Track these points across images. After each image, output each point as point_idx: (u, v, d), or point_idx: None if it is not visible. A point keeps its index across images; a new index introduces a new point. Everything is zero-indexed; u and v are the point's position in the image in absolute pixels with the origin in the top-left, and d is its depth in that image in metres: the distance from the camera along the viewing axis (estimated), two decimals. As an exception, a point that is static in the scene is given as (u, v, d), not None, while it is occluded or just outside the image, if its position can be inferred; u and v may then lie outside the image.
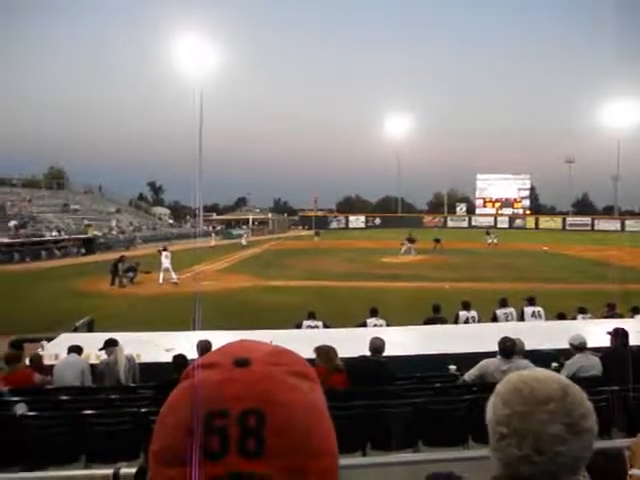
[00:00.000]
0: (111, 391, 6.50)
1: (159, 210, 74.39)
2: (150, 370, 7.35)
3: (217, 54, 53.69)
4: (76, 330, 11.26)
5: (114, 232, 45.72)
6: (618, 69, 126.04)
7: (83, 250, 37.04)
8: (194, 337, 7.59)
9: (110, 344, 7.22)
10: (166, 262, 23.00)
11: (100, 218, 49.03)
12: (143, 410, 5.01)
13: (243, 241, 44.71)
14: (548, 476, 1.09)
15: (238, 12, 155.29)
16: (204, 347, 6.92)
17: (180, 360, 6.39)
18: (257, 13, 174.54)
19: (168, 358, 6.80)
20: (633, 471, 1.85)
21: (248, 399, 0.60)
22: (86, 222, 44.45)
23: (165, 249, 23.85)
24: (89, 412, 5.25)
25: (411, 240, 33.76)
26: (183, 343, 8.42)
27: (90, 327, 11.91)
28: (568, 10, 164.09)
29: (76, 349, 7.34)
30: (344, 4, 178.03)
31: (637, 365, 6.87)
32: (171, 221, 67.96)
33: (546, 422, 1.08)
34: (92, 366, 7.33)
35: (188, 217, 73.85)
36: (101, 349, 7.37)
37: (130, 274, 23.16)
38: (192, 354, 6.93)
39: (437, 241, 39.75)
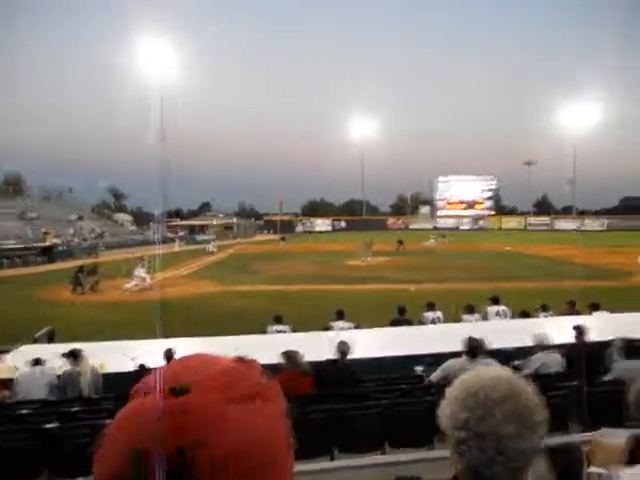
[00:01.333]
0: (74, 403, 6.35)
1: (121, 216, 73.09)
2: (114, 380, 7.20)
3: (179, 58, 53.17)
4: (36, 341, 10.99)
5: (76, 239, 44.76)
6: (576, 72, 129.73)
7: (41, 259, 36.05)
8: (159, 345, 7.50)
9: (73, 355, 7.04)
10: (140, 270, 23.10)
11: (61, 225, 47.93)
12: (107, 422, 4.90)
13: (211, 248, 43.58)
14: (510, 473, 1.12)
15: (200, 16, 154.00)
16: (170, 356, 6.85)
17: (144, 369, 6.30)
18: (220, 17, 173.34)
19: (133, 367, 6.70)
20: (592, 469, 1.90)
21: (180, 436, 0.55)
22: (44, 230, 43.32)
23: (142, 257, 24.20)
24: (51, 426, 5.12)
25: (368, 245, 33.82)
26: (148, 351, 8.32)
27: (50, 338, 11.64)
28: (530, 13, 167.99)
29: (38, 362, 7.14)
30: (306, 7, 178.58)
31: (595, 360, 7.09)
32: (134, 227, 66.87)
33: (503, 422, 1.11)
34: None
35: (151, 223, 72.81)
36: (63, 359, 7.19)
37: (90, 280, 22.75)
38: (159, 362, 6.86)
39: (400, 242, 40.63)
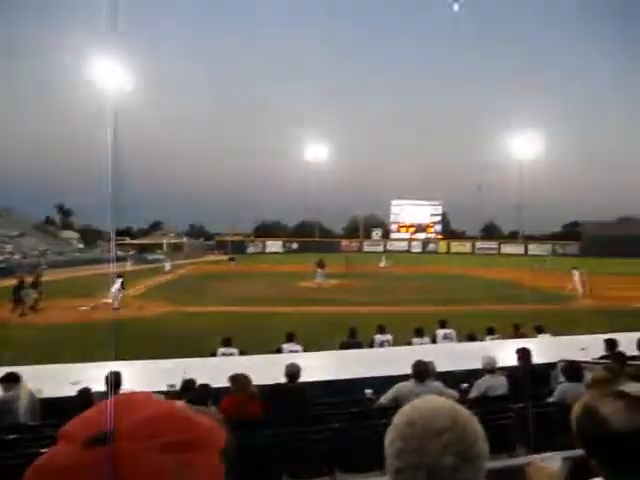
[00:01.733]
0: (9, 431, 6.03)
1: (68, 234, 71.08)
2: (53, 406, 6.89)
3: (132, 75, 52.60)
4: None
5: (16, 256, 43.14)
6: (524, 102, 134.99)
7: None
8: (103, 368, 7.25)
9: (10, 379, 6.69)
10: (116, 287, 22.84)
11: (1, 242, 46.18)
12: (44, 451, 4.68)
13: (167, 266, 43.35)
14: None
15: (152, 34, 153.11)
16: (114, 379, 6.62)
17: (85, 395, 6.08)
18: (173, 34, 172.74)
19: (74, 392, 6.45)
20: None
21: None
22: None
23: (120, 275, 24.02)
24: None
25: (321, 265, 33.94)
26: (91, 375, 8.02)
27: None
28: (481, 43, 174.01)
29: None
30: (261, 29, 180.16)
31: (539, 382, 7.27)
32: (81, 245, 65.10)
33: (440, 454, 1.10)
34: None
35: (99, 241, 71.06)
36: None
37: (32, 296, 22.01)
38: (101, 387, 6.62)
39: (348, 260, 41.97)
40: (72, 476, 0.53)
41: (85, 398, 5.99)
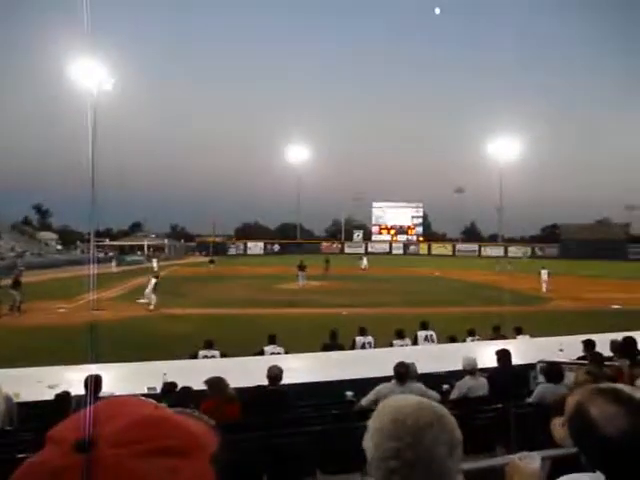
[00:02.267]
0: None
1: (46, 235, 70.15)
2: (31, 410, 6.77)
3: (112, 73, 52.09)
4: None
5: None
6: (504, 106, 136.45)
7: None
8: (82, 371, 7.16)
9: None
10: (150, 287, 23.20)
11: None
12: (20, 456, 4.61)
13: (155, 266, 42.66)
14: None
15: (136, 33, 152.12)
16: (93, 383, 6.53)
17: (63, 398, 5.98)
18: (159, 38, 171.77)
19: (52, 396, 6.35)
20: None
21: None
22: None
23: (157, 276, 24.45)
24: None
25: (302, 267, 33.77)
26: (70, 379, 7.92)
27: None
28: (464, 46, 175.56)
29: None
30: (246, 36, 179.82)
31: (518, 383, 7.34)
32: (59, 247, 64.28)
33: (433, 446, 1.13)
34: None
35: (78, 242, 70.26)
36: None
37: (15, 296, 21.79)
38: (80, 390, 6.54)
39: (327, 262, 42.28)
40: (59, 478, 0.52)
41: (63, 402, 5.91)
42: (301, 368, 9.39)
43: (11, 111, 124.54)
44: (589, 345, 8.15)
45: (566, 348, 9.46)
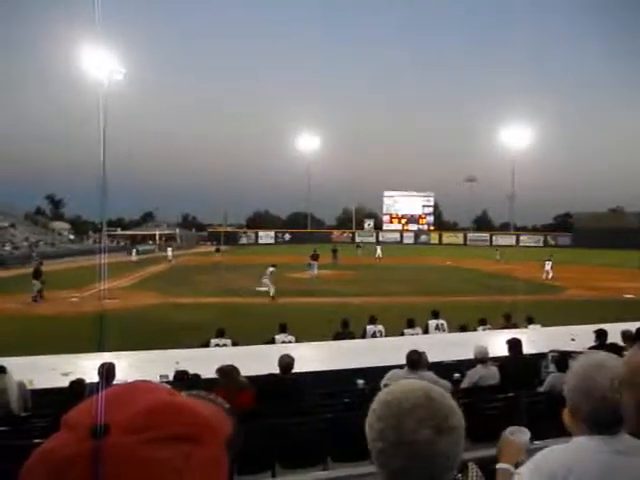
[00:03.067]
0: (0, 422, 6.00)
1: (59, 225, 70.59)
2: (45, 397, 6.86)
3: (124, 64, 52.15)
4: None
5: (7, 248, 42.81)
6: (516, 95, 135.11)
7: None
8: (95, 359, 7.24)
9: (-3, 370, 6.63)
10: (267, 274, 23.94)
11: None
12: (36, 441, 4.67)
13: (170, 255, 43.76)
14: (427, 479, 1.15)
15: (146, 27, 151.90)
16: (107, 370, 6.60)
17: (77, 386, 6.04)
18: (164, 27, 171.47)
19: (65, 383, 6.42)
20: (499, 466, 1.98)
21: None
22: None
23: (274, 265, 24.70)
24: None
25: (314, 257, 33.64)
26: (83, 366, 8.02)
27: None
28: (473, 32, 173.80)
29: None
30: (255, 21, 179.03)
31: (529, 372, 7.32)
32: (72, 236, 64.72)
33: (415, 430, 1.14)
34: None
35: (90, 232, 70.72)
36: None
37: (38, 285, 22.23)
38: (93, 378, 6.61)
39: (334, 251, 41.83)
40: (73, 464, 0.53)
41: (78, 389, 5.97)
42: (312, 357, 9.44)
43: (23, 103, 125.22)
44: (601, 335, 8.11)
45: (578, 338, 9.42)
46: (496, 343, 8.86)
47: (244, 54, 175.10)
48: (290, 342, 10.82)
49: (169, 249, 45.78)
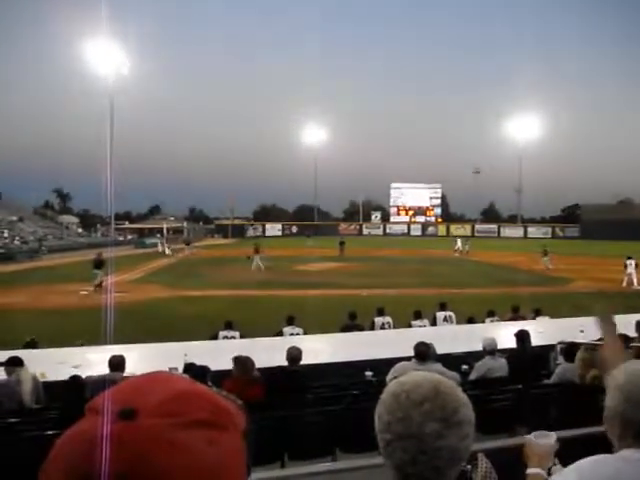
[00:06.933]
0: (12, 414, 6.06)
1: (67, 218, 70.93)
2: (56, 389, 6.93)
3: (129, 59, 52.19)
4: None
5: (16, 242, 43.04)
6: (523, 86, 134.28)
7: None
8: (105, 352, 7.29)
9: (13, 363, 6.71)
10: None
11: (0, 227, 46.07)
12: (48, 433, 4.72)
13: (166, 250, 42.39)
14: (434, 472, 1.16)
15: (153, 19, 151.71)
16: (116, 363, 6.66)
17: (76, 380, 6.13)
18: (173, 21, 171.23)
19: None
20: (530, 470, 1.97)
21: (122, 463, 0.54)
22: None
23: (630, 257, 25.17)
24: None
25: (257, 250, 32.72)
26: (93, 359, 8.08)
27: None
28: (482, 25, 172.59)
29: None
30: (262, 14, 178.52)
31: (538, 364, 7.31)
32: (80, 230, 65.03)
33: (423, 422, 1.16)
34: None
35: (98, 225, 71.03)
36: (1, 365, 6.83)
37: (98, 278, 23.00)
38: (103, 370, 6.66)
39: (341, 244, 41.53)
40: (102, 445, 0.55)
41: (77, 383, 6.06)
42: (320, 349, 9.45)
43: (31, 97, 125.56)
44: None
45: (586, 329, 9.37)
46: (504, 335, 8.85)
47: (252, 45, 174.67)
48: (298, 334, 10.85)
49: (160, 243, 45.07)
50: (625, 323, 8.05)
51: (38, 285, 24.19)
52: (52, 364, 7.89)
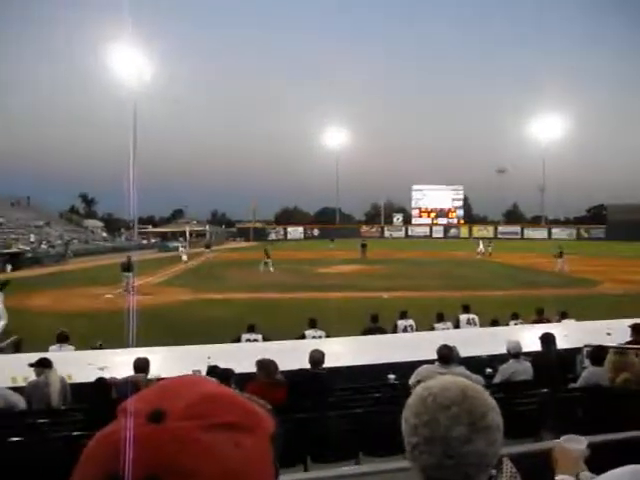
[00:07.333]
0: (40, 414, 6.18)
1: (91, 223, 72.02)
2: (83, 391, 7.04)
3: (153, 65, 52.90)
4: (1, 351, 10.72)
5: (43, 246, 43.79)
6: (547, 85, 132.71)
7: (8, 266, 34.38)
8: (130, 354, 7.38)
9: (42, 364, 6.84)
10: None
11: (27, 231, 46.90)
12: (75, 434, 4.79)
13: (183, 257, 40.53)
14: (461, 477, 1.15)
15: (176, 25, 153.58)
16: (141, 365, 6.75)
17: (101, 383, 6.22)
18: (195, 27, 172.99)
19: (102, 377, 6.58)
20: (558, 477, 1.93)
21: (150, 465, 0.55)
22: (12, 236, 42.48)
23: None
24: (16, 439, 4.96)
25: (267, 254, 32.78)
26: (118, 361, 8.17)
27: (17, 347, 11.36)
28: (502, 25, 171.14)
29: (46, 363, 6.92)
30: (280, 19, 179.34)
31: (564, 368, 7.20)
32: (104, 234, 65.95)
33: (450, 426, 1.14)
34: (18, 389, 6.91)
35: (122, 230, 71.93)
36: (31, 366, 6.95)
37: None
38: (128, 372, 6.75)
39: (363, 246, 41.56)
40: (132, 446, 0.56)
41: (103, 385, 6.15)
42: (342, 352, 9.43)
43: (56, 103, 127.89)
44: (637, 329, 7.92)
45: (613, 332, 9.21)
46: (528, 338, 8.73)
47: (273, 50, 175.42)
48: (320, 337, 10.84)
49: (181, 249, 43.57)
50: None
51: (64, 288, 24.57)
52: (78, 366, 8.00)
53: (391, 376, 7.53)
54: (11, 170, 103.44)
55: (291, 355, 7.63)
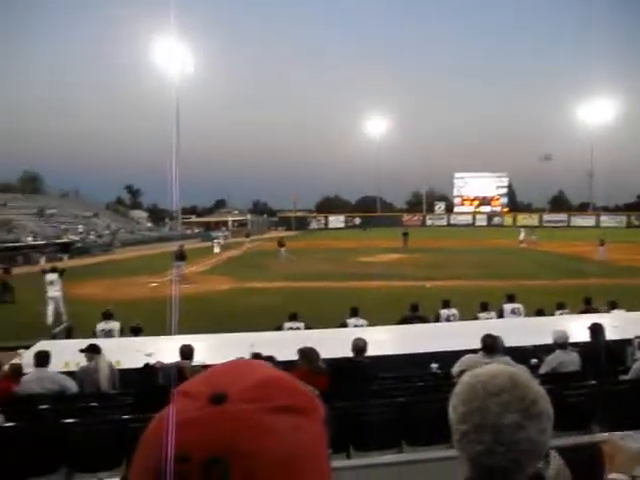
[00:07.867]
0: (91, 398, 6.40)
1: (137, 213, 73.70)
2: (130, 376, 7.25)
3: (194, 56, 53.43)
4: (54, 337, 11.09)
5: (91, 236, 45.08)
6: (594, 69, 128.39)
7: (65, 255, 35.69)
8: (175, 341, 7.54)
9: (92, 350, 7.08)
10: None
11: (76, 222, 48.34)
12: (124, 417, 4.94)
13: (216, 248, 38.94)
14: (513, 464, 1.14)
15: (218, 17, 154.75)
16: (186, 351, 6.90)
17: (148, 368, 6.40)
18: (237, 18, 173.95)
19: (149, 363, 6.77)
20: (612, 475, 1.86)
21: (214, 445, 0.55)
22: (63, 227, 43.88)
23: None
24: (69, 421, 5.15)
25: (281, 244, 32.86)
26: (164, 348, 8.36)
27: (69, 334, 11.76)
28: (543, 12, 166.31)
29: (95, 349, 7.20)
30: (320, 12, 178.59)
31: (613, 359, 7.00)
32: (149, 224, 67.37)
33: (501, 413, 1.14)
34: (70, 373, 7.16)
35: (166, 220, 73.32)
36: (82, 351, 7.18)
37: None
38: (174, 359, 6.90)
39: (405, 235, 41.02)
40: (193, 427, 0.57)
41: (150, 370, 6.33)
42: (384, 340, 9.42)
43: (102, 96, 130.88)
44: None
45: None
46: (575, 328, 8.52)
47: (311, 37, 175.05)
48: (362, 326, 10.84)
49: (216, 241, 41.44)
50: None
51: (113, 277, 25.27)
52: (126, 353, 8.23)
53: (434, 365, 7.48)
54: (61, 164, 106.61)
55: (333, 343, 7.66)
